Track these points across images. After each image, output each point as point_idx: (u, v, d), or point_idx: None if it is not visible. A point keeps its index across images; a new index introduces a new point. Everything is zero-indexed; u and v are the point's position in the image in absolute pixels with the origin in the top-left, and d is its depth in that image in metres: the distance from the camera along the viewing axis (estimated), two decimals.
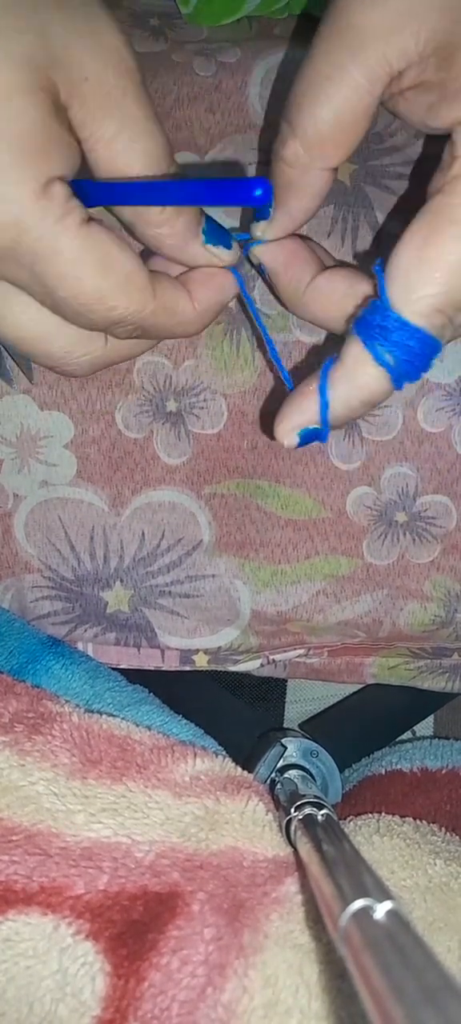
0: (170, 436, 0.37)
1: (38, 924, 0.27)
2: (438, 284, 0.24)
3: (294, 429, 0.28)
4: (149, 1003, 0.26)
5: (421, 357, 0.25)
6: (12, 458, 0.37)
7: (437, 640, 0.42)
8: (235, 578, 0.39)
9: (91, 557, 0.39)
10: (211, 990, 0.26)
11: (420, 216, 0.25)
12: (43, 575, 0.39)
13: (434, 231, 0.24)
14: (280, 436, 0.28)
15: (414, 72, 0.25)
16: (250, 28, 0.42)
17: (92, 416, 0.37)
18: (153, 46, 0.39)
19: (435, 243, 0.24)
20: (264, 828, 0.31)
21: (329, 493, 0.38)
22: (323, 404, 0.27)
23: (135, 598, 0.40)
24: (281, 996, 0.26)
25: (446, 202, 0.24)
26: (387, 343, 0.25)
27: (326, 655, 0.45)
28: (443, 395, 0.36)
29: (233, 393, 0.36)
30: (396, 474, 0.37)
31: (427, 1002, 0.16)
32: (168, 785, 0.32)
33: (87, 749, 0.32)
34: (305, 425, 0.28)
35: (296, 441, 0.28)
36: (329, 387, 0.27)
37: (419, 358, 0.25)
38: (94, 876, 0.28)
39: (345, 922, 0.20)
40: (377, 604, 0.40)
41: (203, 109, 0.37)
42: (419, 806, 0.40)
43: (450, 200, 0.24)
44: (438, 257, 0.24)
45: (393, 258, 0.25)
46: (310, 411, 0.28)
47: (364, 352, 0.26)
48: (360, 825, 0.35)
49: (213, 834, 0.30)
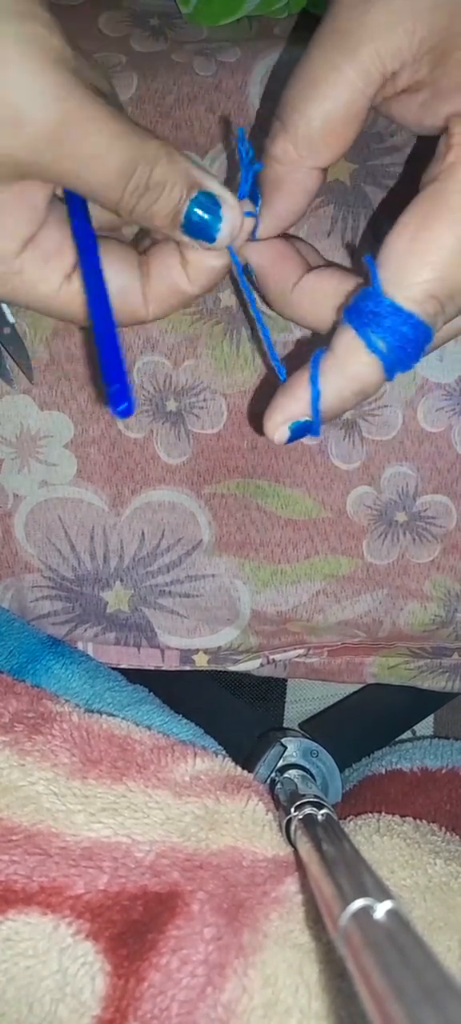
0: (170, 436, 0.37)
1: (38, 924, 0.27)
2: (432, 270, 0.24)
3: (285, 422, 0.27)
4: (149, 1003, 0.26)
5: (414, 344, 0.25)
6: (12, 458, 0.37)
7: (437, 640, 0.42)
8: (235, 578, 0.39)
9: (91, 557, 0.39)
10: (211, 990, 0.26)
11: (414, 204, 0.25)
12: (43, 575, 0.39)
13: (429, 217, 0.24)
14: (270, 431, 0.27)
15: (408, 73, 0.25)
16: (250, 28, 0.42)
17: (92, 416, 0.37)
18: (153, 46, 0.39)
19: (430, 229, 0.24)
20: (264, 828, 0.31)
21: (329, 493, 0.38)
22: (315, 395, 0.26)
23: (135, 598, 0.40)
24: (281, 996, 0.26)
25: (441, 188, 0.24)
26: (380, 329, 0.25)
27: (326, 655, 0.45)
28: (443, 395, 0.36)
29: (233, 393, 0.36)
30: (396, 474, 0.37)
31: (427, 1002, 0.16)
32: (168, 785, 0.32)
33: (87, 749, 0.32)
34: (296, 418, 0.27)
35: (287, 435, 0.27)
36: (320, 377, 0.26)
37: (412, 344, 0.25)
38: (94, 876, 0.28)
39: (345, 922, 0.20)
40: (377, 604, 0.40)
41: (203, 109, 0.37)
42: (419, 806, 0.40)
43: (445, 187, 0.24)
44: (433, 243, 0.24)
45: (387, 244, 0.25)
46: (301, 403, 0.27)
47: (356, 339, 0.25)
48: (360, 825, 0.35)
49: (213, 834, 0.30)
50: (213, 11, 0.41)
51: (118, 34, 0.40)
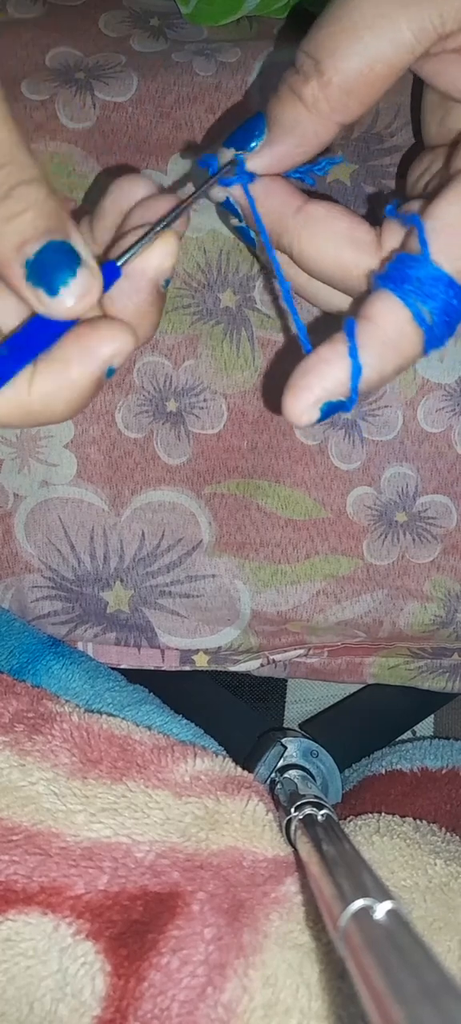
0: (170, 436, 0.37)
1: (38, 924, 0.27)
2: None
3: (317, 402, 0.24)
4: (149, 1003, 0.26)
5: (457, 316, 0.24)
6: (12, 458, 0.37)
7: (437, 640, 0.42)
8: (235, 578, 0.39)
9: (91, 557, 0.39)
10: (211, 990, 0.26)
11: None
12: (43, 575, 0.39)
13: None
14: (298, 412, 0.24)
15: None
16: (250, 28, 0.42)
17: (92, 416, 0.37)
18: (153, 46, 0.39)
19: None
20: (264, 828, 0.31)
21: (329, 493, 0.38)
22: (355, 370, 0.23)
23: (135, 598, 0.40)
24: (281, 996, 0.26)
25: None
26: (427, 299, 0.23)
27: (326, 655, 0.45)
28: (443, 395, 0.36)
29: (233, 393, 0.36)
30: (396, 474, 0.37)
31: (427, 1002, 0.16)
32: (168, 785, 0.32)
33: (87, 749, 0.32)
34: (331, 397, 0.24)
35: (316, 417, 0.24)
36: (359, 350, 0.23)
37: (456, 318, 0.24)
38: (94, 876, 0.28)
39: (345, 922, 0.20)
40: (377, 604, 0.40)
41: (203, 109, 0.37)
42: (419, 806, 0.40)
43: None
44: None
45: (435, 212, 0.23)
46: (337, 379, 0.23)
47: (402, 308, 0.23)
48: (360, 825, 0.35)
49: (213, 834, 0.30)
50: (213, 11, 0.41)
51: (118, 34, 0.40)
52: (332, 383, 0.23)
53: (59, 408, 0.23)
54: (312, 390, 0.23)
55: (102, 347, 0.23)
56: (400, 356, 0.24)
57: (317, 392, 0.24)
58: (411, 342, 0.24)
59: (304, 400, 0.24)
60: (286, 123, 0.25)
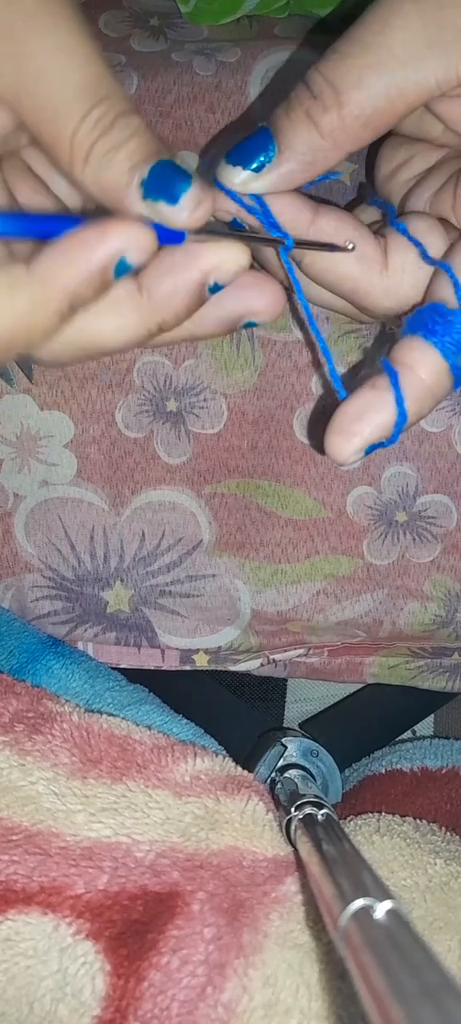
0: (170, 436, 0.37)
1: (38, 924, 0.27)
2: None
3: (364, 446, 0.25)
4: (149, 1003, 0.26)
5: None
6: (12, 458, 0.37)
7: (437, 640, 0.42)
8: (235, 578, 0.39)
9: (91, 557, 0.39)
10: (211, 990, 0.26)
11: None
12: (43, 575, 0.39)
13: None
14: (345, 455, 0.25)
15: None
16: (250, 27, 0.42)
17: (92, 416, 0.37)
18: (153, 46, 0.39)
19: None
20: (264, 828, 0.31)
21: (329, 493, 0.38)
22: (401, 417, 0.25)
23: (135, 598, 0.40)
24: (281, 996, 0.26)
25: None
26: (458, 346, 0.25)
27: (326, 655, 0.45)
28: None
29: (233, 393, 0.36)
30: (396, 474, 0.37)
31: (427, 1002, 0.16)
32: (168, 785, 0.32)
33: (87, 749, 0.32)
34: (376, 440, 0.25)
35: (361, 457, 0.25)
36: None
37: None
38: (94, 876, 0.28)
39: (345, 922, 0.20)
40: (377, 604, 0.40)
41: (203, 109, 0.37)
42: (419, 806, 0.40)
43: None
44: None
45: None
46: (384, 426, 0.25)
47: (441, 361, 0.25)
48: (360, 825, 0.35)
49: (213, 834, 0.30)
50: (213, 10, 0.41)
51: (118, 34, 0.40)
52: (379, 430, 0.25)
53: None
54: (362, 435, 0.25)
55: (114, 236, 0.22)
56: (435, 400, 0.26)
57: (366, 437, 0.25)
58: (446, 388, 0.25)
59: (353, 445, 0.25)
60: (298, 148, 0.25)
